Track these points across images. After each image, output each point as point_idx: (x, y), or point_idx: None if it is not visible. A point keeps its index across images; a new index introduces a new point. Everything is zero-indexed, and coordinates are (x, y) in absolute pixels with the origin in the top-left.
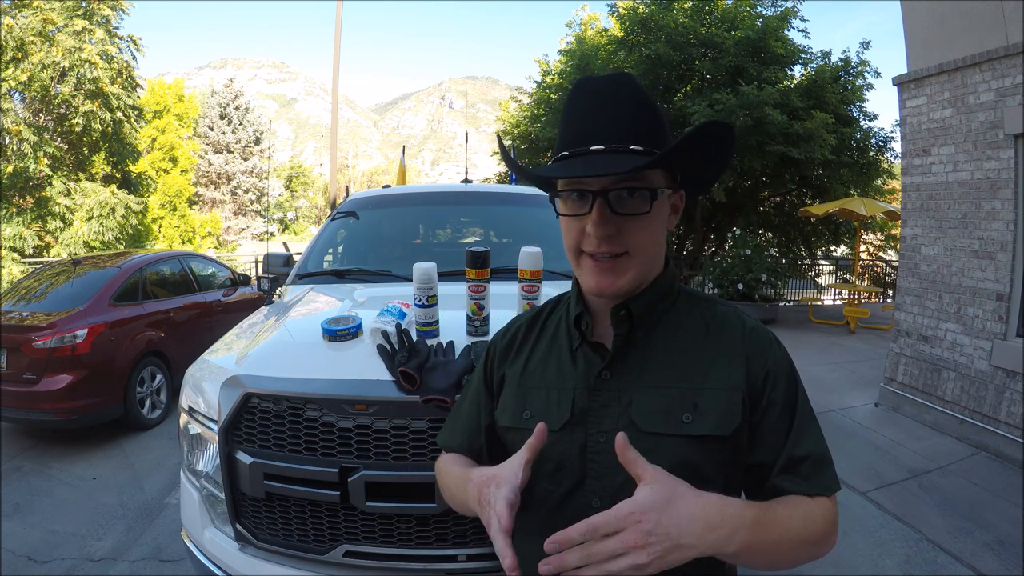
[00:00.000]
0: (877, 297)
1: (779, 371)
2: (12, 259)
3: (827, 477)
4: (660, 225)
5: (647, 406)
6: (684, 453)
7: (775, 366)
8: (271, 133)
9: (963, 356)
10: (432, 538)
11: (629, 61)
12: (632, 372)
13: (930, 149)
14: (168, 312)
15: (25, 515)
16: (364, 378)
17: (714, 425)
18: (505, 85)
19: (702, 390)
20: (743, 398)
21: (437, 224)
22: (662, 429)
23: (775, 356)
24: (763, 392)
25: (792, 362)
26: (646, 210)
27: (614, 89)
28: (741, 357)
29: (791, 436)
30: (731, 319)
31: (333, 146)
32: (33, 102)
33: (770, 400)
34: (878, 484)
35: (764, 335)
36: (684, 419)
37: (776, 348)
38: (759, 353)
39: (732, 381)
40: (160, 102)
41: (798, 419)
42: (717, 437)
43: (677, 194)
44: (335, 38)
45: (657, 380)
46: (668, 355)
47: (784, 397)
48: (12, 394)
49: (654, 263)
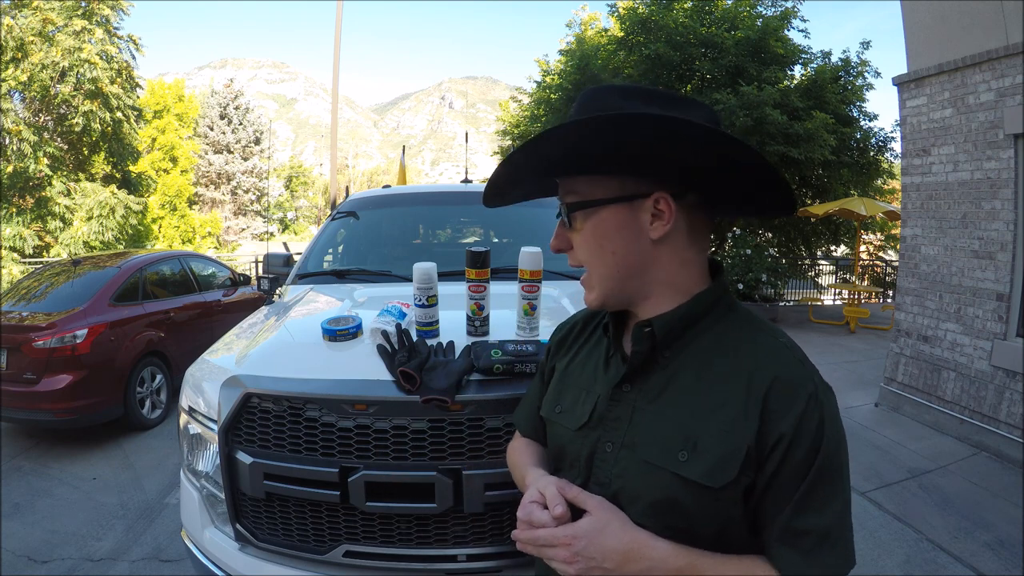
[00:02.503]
0: (877, 297)
1: (801, 433)
2: (12, 259)
3: (827, 559)
4: (606, 237)
5: (649, 431)
6: (671, 490)
7: (797, 428)
8: (271, 133)
9: (963, 356)
10: (432, 538)
11: (629, 61)
12: (650, 391)
13: (930, 149)
14: (168, 312)
15: (25, 515)
16: (364, 378)
17: (704, 473)
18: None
19: (707, 431)
20: (747, 454)
21: (437, 224)
22: (655, 460)
23: (801, 416)
24: (773, 453)
25: (830, 421)
26: (576, 225)
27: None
28: (757, 410)
29: (795, 504)
30: (766, 360)
31: (333, 146)
32: (33, 102)
33: (783, 461)
34: (878, 484)
35: (796, 389)
36: (680, 456)
37: (807, 406)
38: (781, 411)
39: (739, 432)
40: (160, 102)
41: (810, 486)
42: (705, 487)
43: (650, 199)
44: (335, 38)
45: (668, 406)
46: (688, 382)
47: (799, 460)
48: (12, 394)
49: (620, 276)
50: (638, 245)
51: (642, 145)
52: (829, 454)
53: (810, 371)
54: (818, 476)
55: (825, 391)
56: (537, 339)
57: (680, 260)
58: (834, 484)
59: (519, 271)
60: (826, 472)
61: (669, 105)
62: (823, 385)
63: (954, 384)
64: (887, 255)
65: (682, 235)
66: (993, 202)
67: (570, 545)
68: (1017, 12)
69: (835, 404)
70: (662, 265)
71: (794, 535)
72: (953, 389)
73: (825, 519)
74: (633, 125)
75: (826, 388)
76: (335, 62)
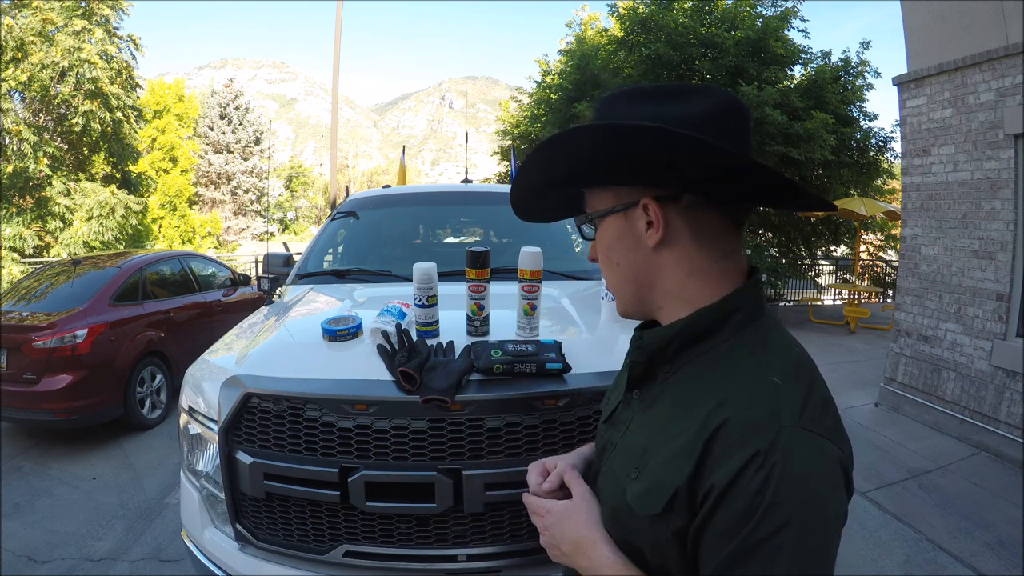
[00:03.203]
0: (877, 297)
1: (734, 492)
2: (12, 259)
3: None
4: (609, 248)
5: (627, 442)
6: (618, 504)
7: (730, 484)
8: (271, 133)
9: (963, 356)
10: (432, 538)
11: (629, 61)
12: (647, 401)
13: (930, 149)
14: (168, 312)
15: (25, 515)
16: (364, 378)
17: (636, 496)
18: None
19: (655, 457)
20: (675, 494)
21: (437, 224)
22: (617, 469)
23: (736, 474)
24: (703, 503)
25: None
26: (588, 236)
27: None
28: (697, 450)
29: (714, 566)
30: (732, 396)
31: (333, 146)
32: (33, 102)
33: (709, 515)
34: (878, 484)
35: (743, 439)
36: (631, 473)
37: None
38: (720, 459)
39: (675, 466)
40: (160, 102)
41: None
42: (634, 511)
43: (639, 207)
44: (335, 38)
45: (647, 422)
46: (669, 401)
47: (728, 524)
48: (12, 394)
49: (629, 287)
50: (639, 255)
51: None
52: (766, 530)
53: (782, 420)
54: (747, 549)
55: (797, 451)
56: (537, 339)
57: (687, 269)
58: (772, 565)
59: (519, 271)
60: (760, 548)
61: (665, 101)
62: (794, 442)
63: (954, 384)
64: (887, 255)
65: (685, 241)
66: (993, 202)
67: (543, 517)
68: (1017, 12)
69: (809, 472)
70: (667, 275)
71: None
72: (953, 389)
73: None
74: (593, 136)
75: (802, 447)
76: (335, 62)
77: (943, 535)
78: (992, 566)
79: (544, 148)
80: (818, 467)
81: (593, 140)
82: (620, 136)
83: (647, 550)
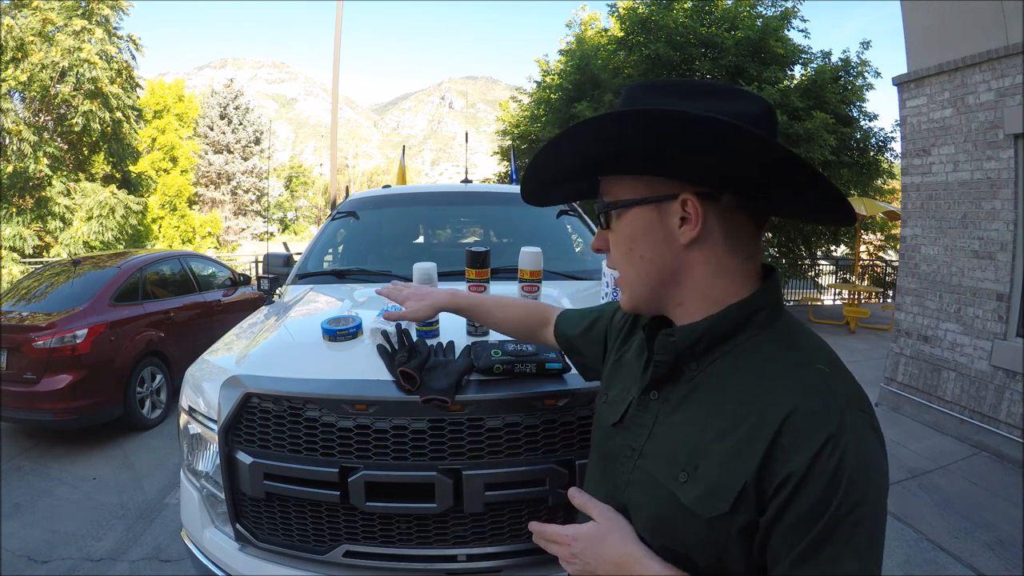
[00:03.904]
0: (877, 297)
1: (811, 479)
2: (12, 259)
3: None
4: (634, 240)
5: (660, 444)
6: (668, 510)
7: (808, 470)
8: (271, 133)
9: (963, 356)
10: (432, 538)
11: (629, 61)
12: (671, 403)
13: (930, 149)
14: (168, 312)
15: (25, 515)
16: (364, 378)
17: (696, 499)
18: (505, 85)
19: (709, 457)
20: (743, 489)
21: (437, 224)
22: (659, 475)
23: (815, 457)
24: (778, 494)
25: (855, 469)
26: (611, 226)
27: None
28: (764, 444)
29: (794, 556)
30: (788, 387)
31: (333, 146)
32: (33, 102)
33: (787, 504)
34: None
35: (814, 425)
36: (680, 477)
37: (824, 447)
38: (792, 446)
39: (740, 463)
40: (160, 102)
41: (815, 540)
42: (694, 514)
43: (677, 201)
44: (335, 38)
45: (683, 422)
46: (706, 400)
47: (807, 508)
48: (12, 394)
49: (649, 281)
50: (668, 250)
51: (666, 144)
52: (846, 508)
53: (841, 406)
54: (827, 530)
55: (859, 430)
56: None
57: (715, 268)
58: (847, 544)
59: (519, 271)
60: (838, 528)
61: (713, 98)
62: (858, 422)
63: (954, 384)
64: (887, 255)
65: (717, 241)
66: (993, 202)
67: (570, 545)
68: (1017, 12)
69: (872, 448)
70: (695, 272)
71: None
72: (953, 389)
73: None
74: (657, 122)
75: (862, 427)
76: (335, 62)
77: (943, 535)
78: (992, 566)
79: (593, 125)
80: (877, 446)
81: (659, 126)
82: (688, 125)
83: (697, 553)
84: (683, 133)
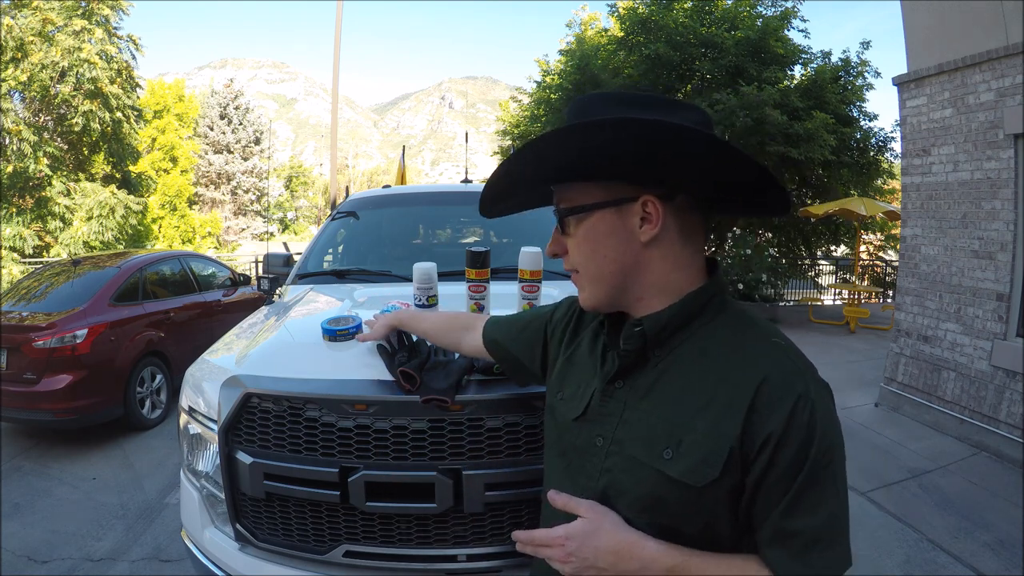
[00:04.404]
0: (877, 297)
1: (789, 433)
2: (12, 259)
3: (819, 561)
4: (597, 241)
5: (636, 428)
6: (656, 487)
7: (786, 428)
8: (271, 133)
9: (963, 356)
10: (432, 538)
11: (629, 61)
12: (641, 389)
13: (930, 149)
14: (168, 312)
15: (25, 515)
16: (364, 378)
17: (687, 471)
18: (505, 85)
19: (692, 429)
20: (730, 453)
21: (437, 224)
22: (641, 456)
23: (790, 415)
24: (761, 454)
25: (822, 421)
26: (569, 231)
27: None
28: (743, 410)
29: (785, 505)
30: (755, 359)
31: (333, 146)
32: (33, 102)
33: (771, 461)
34: (878, 484)
35: (785, 388)
36: (664, 454)
37: (796, 406)
38: (768, 411)
39: (723, 431)
40: (160, 102)
41: (800, 488)
42: (688, 485)
43: (638, 203)
44: (335, 38)
45: (657, 404)
46: (679, 380)
47: (789, 461)
48: (12, 394)
49: (612, 279)
50: (629, 248)
51: (625, 150)
52: (821, 455)
53: (802, 369)
54: (809, 477)
55: (819, 390)
56: None
57: (673, 262)
58: (826, 486)
59: (519, 271)
60: (818, 473)
61: (657, 109)
62: (816, 384)
63: (954, 384)
64: (887, 255)
65: (674, 237)
66: (993, 202)
67: (563, 546)
68: (1017, 12)
69: (829, 404)
70: (654, 267)
71: (785, 536)
72: (953, 389)
73: (817, 521)
74: (614, 130)
75: (820, 387)
76: (335, 62)
77: (943, 535)
78: (992, 566)
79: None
80: (833, 404)
81: (619, 134)
82: (652, 132)
83: (685, 523)
84: (647, 140)
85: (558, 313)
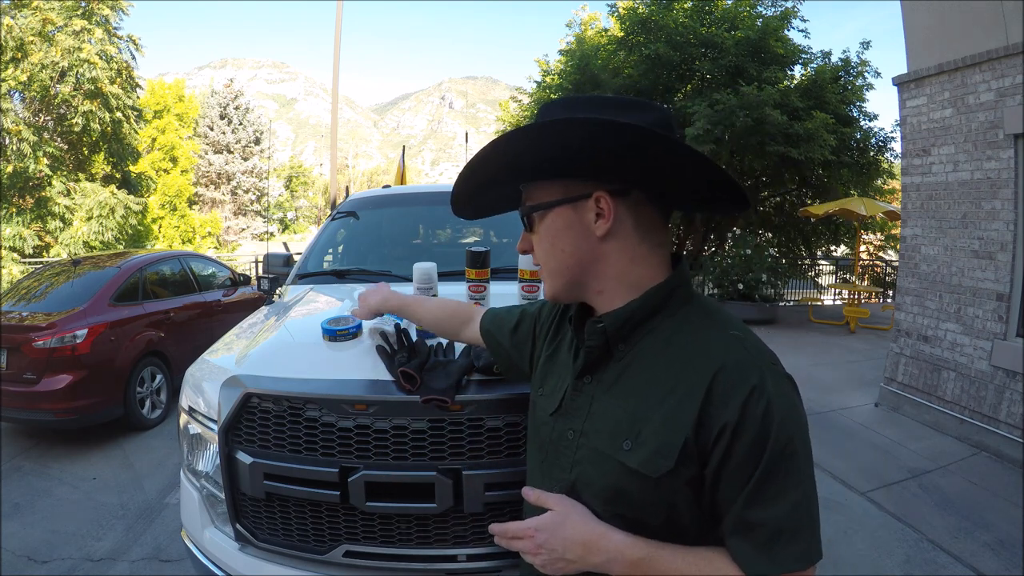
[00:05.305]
0: (877, 297)
1: (744, 425)
2: (12, 259)
3: (782, 553)
4: (555, 236)
5: (601, 421)
6: (618, 479)
7: (740, 420)
8: (271, 133)
9: (963, 356)
10: (432, 538)
11: (629, 61)
12: (605, 382)
13: (930, 149)
14: (168, 312)
15: (25, 515)
16: (364, 378)
17: (643, 462)
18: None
19: (650, 420)
20: (684, 444)
21: (437, 224)
22: (604, 448)
23: (743, 405)
24: (717, 444)
25: (780, 411)
26: (534, 228)
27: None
28: (698, 401)
29: (746, 496)
30: (712, 351)
31: (333, 146)
32: (33, 102)
33: (727, 452)
34: (878, 484)
35: (739, 378)
36: (624, 445)
37: (751, 396)
38: (723, 400)
39: (679, 422)
40: (160, 102)
41: (760, 479)
42: (644, 475)
43: (591, 199)
44: (335, 38)
45: (620, 397)
46: (642, 373)
47: (745, 451)
48: (12, 394)
49: (570, 273)
50: (586, 243)
51: (573, 148)
52: (780, 446)
53: (759, 360)
54: (768, 468)
55: (777, 381)
56: None
57: (630, 256)
58: (787, 477)
59: (519, 271)
60: (777, 464)
61: (610, 110)
62: (774, 375)
63: (954, 384)
64: (887, 255)
65: (629, 231)
66: (993, 202)
67: (533, 537)
68: (1017, 12)
69: (791, 394)
70: (611, 261)
71: (747, 528)
72: (953, 389)
73: (778, 512)
74: (561, 131)
75: (778, 378)
76: (335, 62)
77: (943, 535)
78: (992, 566)
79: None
80: (793, 393)
81: (580, 132)
82: (606, 132)
83: (648, 514)
84: (591, 138)
85: (544, 310)
